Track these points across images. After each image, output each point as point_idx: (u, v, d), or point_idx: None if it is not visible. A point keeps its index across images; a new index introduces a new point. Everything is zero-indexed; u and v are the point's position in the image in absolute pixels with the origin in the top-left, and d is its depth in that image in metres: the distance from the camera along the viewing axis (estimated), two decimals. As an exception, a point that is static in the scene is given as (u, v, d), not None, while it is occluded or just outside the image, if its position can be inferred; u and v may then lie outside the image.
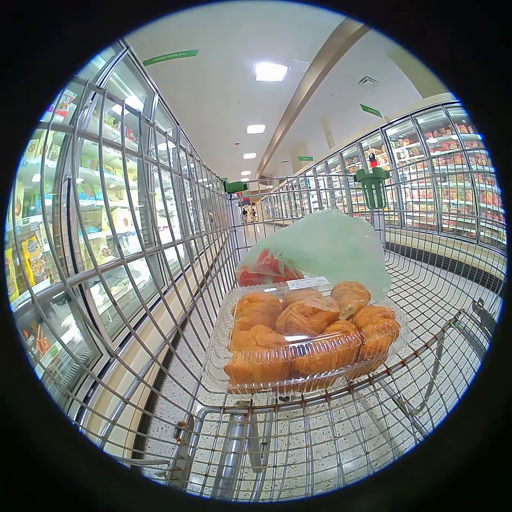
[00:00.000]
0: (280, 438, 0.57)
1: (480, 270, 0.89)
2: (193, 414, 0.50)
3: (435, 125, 3.87)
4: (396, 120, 4.33)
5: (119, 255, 0.41)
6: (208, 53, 4.03)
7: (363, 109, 5.18)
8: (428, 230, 1.85)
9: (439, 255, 0.99)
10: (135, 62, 2.38)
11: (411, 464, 0.18)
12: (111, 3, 0.16)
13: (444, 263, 0.93)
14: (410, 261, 1.04)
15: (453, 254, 0.94)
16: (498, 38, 0.15)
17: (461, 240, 1.38)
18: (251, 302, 0.60)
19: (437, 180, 2.83)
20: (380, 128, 4.64)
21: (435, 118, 3.83)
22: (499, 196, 0.17)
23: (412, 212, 3.65)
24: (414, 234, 1.06)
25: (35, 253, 1.33)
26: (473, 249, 0.90)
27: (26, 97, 0.17)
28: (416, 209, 3.57)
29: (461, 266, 0.91)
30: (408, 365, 0.54)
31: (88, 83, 0.40)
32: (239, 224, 1.16)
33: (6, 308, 0.17)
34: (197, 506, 0.20)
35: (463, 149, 2.94)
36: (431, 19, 0.15)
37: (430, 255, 0.99)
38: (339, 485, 0.44)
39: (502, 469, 0.16)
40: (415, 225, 3.49)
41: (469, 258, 0.91)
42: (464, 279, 0.86)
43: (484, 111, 0.16)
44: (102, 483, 0.18)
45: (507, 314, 0.17)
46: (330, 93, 5.60)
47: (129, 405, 0.40)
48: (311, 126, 6.85)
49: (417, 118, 4.00)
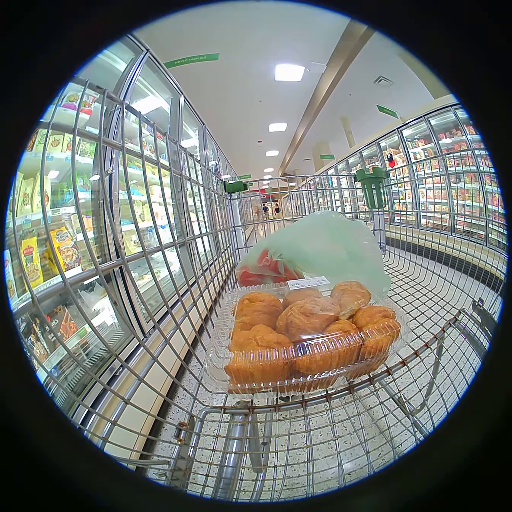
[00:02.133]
0: (280, 438, 0.57)
1: (486, 271, 0.89)
2: (193, 414, 0.50)
3: (447, 126, 3.85)
4: (411, 120, 4.29)
5: (151, 245, 0.42)
6: (228, 55, 4.15)
7: (380, 110, 5.22)
8: (443, 231, 1.85)
9: (452, 256, 0.98)
10: (156, 63, 2.38)
11: (412, 463, 0.18)
12: (111, 3, 0.16)
13: (457, 263, 0.93)
14: (410, 261, 1.04)
15: (462, 255, 0.93)
16: (498, 39, 0.15)
17: (470, 241, 1.37)
18: (251, 302, 0.60)
19: (451, 181, 2.83)
20: (397, 129, 4.62)
21: (447, 119, 3.81)
22: (499, 196, 0.17)
23: (426, 212, 3.62)
24: (428, 234, 1.05)
25: (66, 242, 1.42)
26: (483, 251, 0.90)
27: (26, 97, 0.17)
28: (431, 209, 3.55)
29: (468, 267, 0.91)
30: (409, 365, 0.54)
31: (88, 83, 0.40)
32: (239, 224, 1.16)
33: (6, 308, 0.17)
34: (197, 506, 0.20)
35: (469, 149, 2.93)
36: (431, 19, 0.15)
37: (444, 255, 0.99)
38: (340, 485, 0.44)
39: (502, 468, 0.16)
40: (429, 225, 3.46)
41: (477, 259, 0.91)
42: (464, 279, 0.86)
43: (483, 111, 0.16)
44: (102, 483, 0.18)
45: (507, 314, 0.17)
46: (348, 93, 5.69)
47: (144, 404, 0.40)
48: (332, 125, 6.98)
49: (430, 119, 3.98)
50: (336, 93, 5.70)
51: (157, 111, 2.65)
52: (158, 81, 2.62)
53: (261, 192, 1.18)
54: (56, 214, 1.47)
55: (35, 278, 1.27)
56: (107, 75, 1.99)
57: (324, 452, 0.50)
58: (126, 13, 0.16)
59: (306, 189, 3.85)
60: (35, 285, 1.25)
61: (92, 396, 1.21)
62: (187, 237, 0.64)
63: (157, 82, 2.62)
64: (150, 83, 2.51)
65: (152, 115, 2.57)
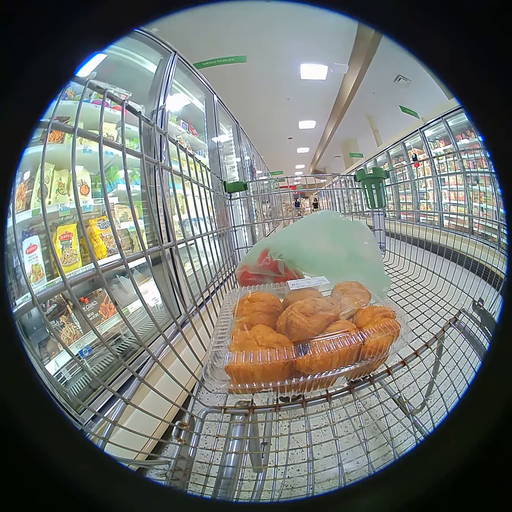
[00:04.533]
0: (280, 438, 0.57)
1: (497, 275, 0.88)
2: (194, 414, 0.50)
3: (463, 127, 3.81)
4: (431, 121, 4.25)
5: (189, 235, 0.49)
6: (252, 54, 4.32)
7: (402, 110, 5.26)
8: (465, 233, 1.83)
9: (467, 257, 0.97)
10: (185, 64, 2.43)
11: (412, 463, 0.18)
12: (111, 3, 0.16)
13: (471, 264, 0.92)
14: (410, 261, 1.04)
15: (472, 255, 0.92)
16: (498, 39, 0.15)
17: (483, 243, 1.36)
18: (251, 302, 0.60)
19: (468, 183, 2.82)
20: (419, 129, 4.57)
21: (461, 121, 3.77)
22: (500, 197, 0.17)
23: (449, 214, 3.58)
24: (443, 233, 1.04)
25: (108, 229, 1.56)
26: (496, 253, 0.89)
27: (26, 97, 0.17)
28: (453, 211, 3.51)
29: (481, 269, 0.91)
30: (409, 365, 0.54)
31: (88, 83, 0.40)
32: (239, 224, 1.16)
33: (6, 308, 0.17)
34: (198, 506, 0.20)
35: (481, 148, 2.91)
36: (431, 19, 0.15)
37: (463, 257, 0.97)
38: (340, 485, 0.44)
39: (502, 468, 0.16)
40: (451, 226, 3.41)
41: (490, 261, 0.91)
42: (464, 280, 0.86)
43: (484, 112, 0.16)
44: (103, 483, 0.18)
45: (507, 314, 0.17)
46: (372, 91, 5.77)
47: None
48: (359, 123, 7.14)
49: (447, 120, 3.92)
50: (361, 90, 5.83)
51: (187, 108, 2.73)
52: (189, 81, 2.70)
53: (292, 188, 1.18)
54: (97, 203, 1.56)
55: (72, 263, 1.36)
56: (135, 75, 2.03)
57: (324, 452, 0.50)
58: (125, 13, 0.16)
59: (332, 188, 3.84)
60: (72, 269, 1.33)
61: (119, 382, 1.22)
62: (189, 237, 0.64)
63: (188, 82, 2.69)
64: (181, 83, 2.59)
65: (185, 113, 2.65)
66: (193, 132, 2.71)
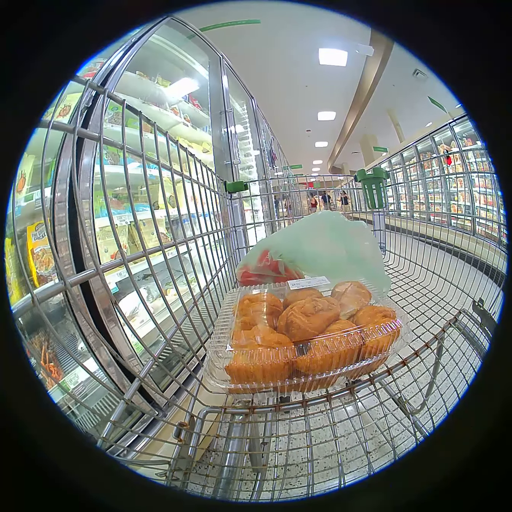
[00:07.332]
0: (280, 438, 0.57)
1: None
2: (194, 414, 0.50)
3: None
4: (459, 117, 4.00)
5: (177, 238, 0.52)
6: (268, 34, 3.99)
7: (431, 102, 5.12)
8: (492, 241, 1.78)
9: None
10: (187, 26, 2.02)
11: (412, 464, 0.18)
12: (111, 3, 0.16)
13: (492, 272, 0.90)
14: (410, 261, 1.04)
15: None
16: (499, 39, 0.15)
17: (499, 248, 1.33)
18: (251, 302, 0.60)
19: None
20: (448, 124, 4.36)
21: None
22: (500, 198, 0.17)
23: (479, 218, 3.37)
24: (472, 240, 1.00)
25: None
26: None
27: (26, 97, 0.17)
28: (483, 215, 3.34)
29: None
30: (409, 365, 0.54)
31: (89, 83, 0.40)
32: (239, 224, 1.16)
33: (6, 308, 0.17)
34: (198, 506, 0.20)
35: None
36: (431, 19, 0.15)
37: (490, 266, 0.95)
38: (340, 485, 0.44)
39: (502, 468, 0.16)
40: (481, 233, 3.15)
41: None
42: (464, 280, 0.86)
43: (485, 113, 0.16)
44: (103, 483, 0.18)
45: (507, 314, 0.17)
46: (392, 83, 5.64)
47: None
48: (379, 117, 6.83)
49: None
50: (382, 81, 5.61)
51: (186, 72, 2.21)
52: (196, 47, 2.22)
53: (309, 185, 1.17)
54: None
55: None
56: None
57: (324, 452, 0.50)
58: (125, 13, 0.16)
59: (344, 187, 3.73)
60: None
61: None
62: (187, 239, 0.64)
63: (194, 49, 2.22)
64: (186, 50, 2.17)
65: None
66: (194, 103, 2.22)
